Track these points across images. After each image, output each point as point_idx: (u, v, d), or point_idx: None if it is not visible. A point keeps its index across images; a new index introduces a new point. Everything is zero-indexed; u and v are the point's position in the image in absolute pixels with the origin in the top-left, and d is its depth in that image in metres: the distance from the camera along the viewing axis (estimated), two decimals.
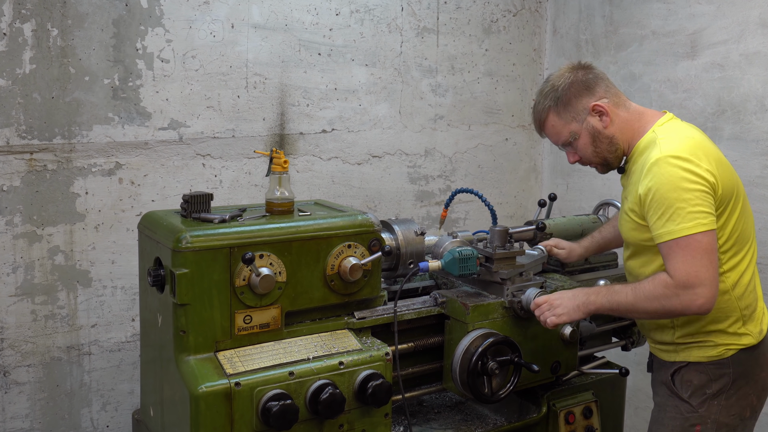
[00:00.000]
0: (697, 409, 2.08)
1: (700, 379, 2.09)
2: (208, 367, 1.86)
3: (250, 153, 3.14)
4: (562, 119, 2.14)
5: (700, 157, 1.97)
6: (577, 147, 2.16)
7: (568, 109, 2.12)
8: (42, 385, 2.81)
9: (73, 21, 2.71)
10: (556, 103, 2.12)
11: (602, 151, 2.14)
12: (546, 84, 2.17)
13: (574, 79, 2.12)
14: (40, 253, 2.75)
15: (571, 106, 2.12)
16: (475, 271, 2.21)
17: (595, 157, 2.16)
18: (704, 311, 1.94)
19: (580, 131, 2.13)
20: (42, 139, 2.71)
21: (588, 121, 2.12)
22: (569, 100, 2.11)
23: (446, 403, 2.52)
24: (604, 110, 2.10)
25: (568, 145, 2.18)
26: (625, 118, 2.13)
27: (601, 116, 2.11)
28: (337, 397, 1.89)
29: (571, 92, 2.11)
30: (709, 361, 2.09)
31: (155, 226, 2.03)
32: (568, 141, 2.16)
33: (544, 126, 2.18)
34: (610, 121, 2.11)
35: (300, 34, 3.20)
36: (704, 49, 3.13)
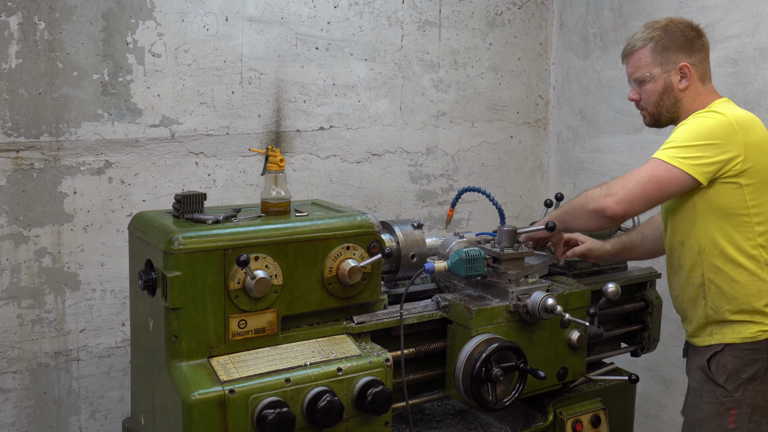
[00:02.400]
0: (732, 393, 2.18)
1: (735, 364, 2.18)
2: (201, 374, 1.86)
3: (244, 151, 3.14)
4: (651, 58, 2.29)
5: (740, 124, 2.12)
6: (645, 89, 2.31)
7: (663, 53, 2.27)
8: (29, 392, 2.81)
9: (60, 14, 2.71)
10: (657, 42, 2.28)
11: (663, 106, 2.31)
12: (658, 22, 2.31)
13: (685, 34, 2.28)
14: (27, 255, 2.76)
15: (666, 52, 2.27)
16: (482, 272, 2.21)
17: (655, 107, 2.32)
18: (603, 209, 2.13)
19: (658, 77, 2.29)
20: (28, 137, 2.72)
21: (670, 74, 2.28)
22: (669, 47, 2.27)
23: (449, 411, 2.52)
24: (689, 74, 2.26)
25: (640, 83, 2.32)
26: (699, 92, 2.29)
27: (682, 78, 2.27)
28: (336, 404, 1.89)
29: (675, 41, 2.27)
30: (744, 342, 2.18)
31: (146, 227, 2.03)
32: (643, 79, 2.31)
33: (632, 54, 2.33)
34: (687, 86, 2.27)
35: (297, 27, 3.21)
36: (717, 43, 3.13)
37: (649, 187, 2.10)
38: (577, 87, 3.84)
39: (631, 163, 3.54)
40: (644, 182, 2.10)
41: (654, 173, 2.10)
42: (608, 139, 3.68)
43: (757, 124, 2.19)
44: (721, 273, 2.19)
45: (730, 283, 2.18)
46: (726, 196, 2.13)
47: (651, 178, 2.10)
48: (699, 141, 2.10)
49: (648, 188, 2.10)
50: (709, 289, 2.21)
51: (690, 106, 2.28)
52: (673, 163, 2.10)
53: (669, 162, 2.10)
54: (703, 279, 2.22)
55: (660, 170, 2.10)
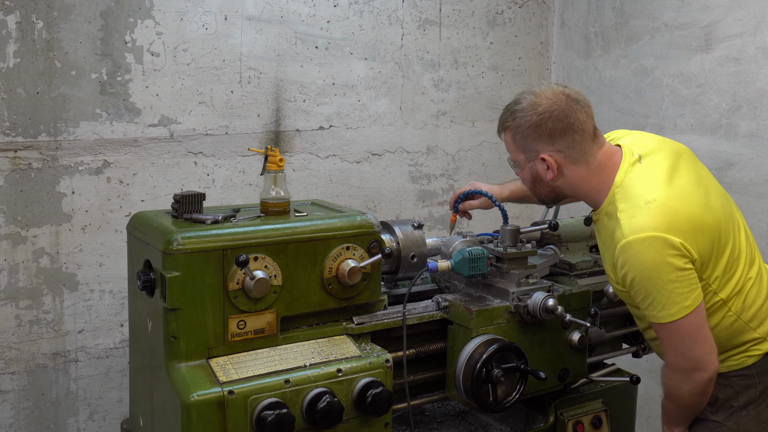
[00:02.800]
0: (725, 422, 2.09)
1: (726, 393, 2.09)
2: (200, 375, 1.86)
3: (244, 151, 3.14)
4: (514, 144, 2.12)
5: (667, 229, 1.91)
6: (519, 173, 2.17)
7: (522, 141, 2.08)
8: (26, 393, 2.81)
9: (59, 13, 2.71)
10: (515, 129, 2.09)
11: (540, 192, 2.16)
12: (523, 99, 2.09)
13: (541, 122, 2.03)
14: (25, 256, 2.76)
15: (525, 140, 2.07)
16: (485, 271, 2.22)
17: (533, 192, 2.18)
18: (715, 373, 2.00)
19: (524, 165, 2.12)
20: (26, 137, 2.72)
21: (535, 163, 2.08)
22: (526, 136, 2.06)
23: (449, 413, 2.52)
24: (551, 166, 2.05)
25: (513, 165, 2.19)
26: (581, 175, 2.07)
27: (548, 168, 2.07)
28: (335, 405, 1.89)
29: (531, 132, 2.05)
30: (731, 371, 2.09)
31: (145, 228, 2.03)
32: (513, 163, 2.17)
33: (500, 134, 2.18)
34: (557, 175, 2.07)
35: (296, 26, 3.21)
36: (719, 42, 3.13)
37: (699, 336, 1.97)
38: (578, 86, 3.84)
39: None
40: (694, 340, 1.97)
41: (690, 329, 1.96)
42: None
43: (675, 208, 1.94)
44: None
45: None
46: None
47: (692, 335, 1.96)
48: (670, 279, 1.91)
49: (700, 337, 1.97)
50: None
51: (577, 190, 2.09)
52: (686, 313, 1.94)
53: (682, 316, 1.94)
54: None
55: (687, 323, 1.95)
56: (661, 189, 1.98)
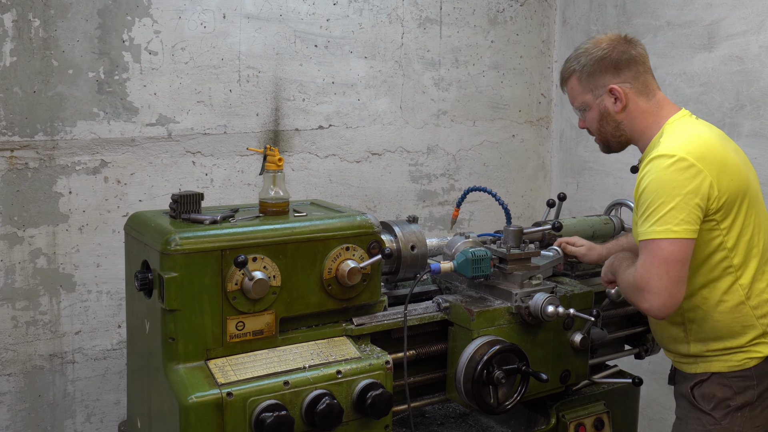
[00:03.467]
0: (720, 421, 2.11)
1: (724, 393, 2.11)
2: (198, 377, 1.86)
3: (242, 150, 3.14)
4: (581, 86, 2.23)
5: (699, 157, 2.00)
6: (586, 117, 2.27)
7: (589, 79, 2.21)
8: (23, 395, 2.81)
9: (56, 11, 2.71)
10: (581, 69, 2.22)
11: (606, 132, 2.24)
12: (583, 45, 2.26)
13: (607, 55, 2.18)
14: (21, 256, 2.76)
15: (593, 78, 2.20)
16: (488, 272, 2.22)
17: (598, 134, 2.27)
18: (653, 316, 2.03)
19: (592, 104, 2.23)
20: (23, 136, 2.72)
21: (603, 98, 2.20)
22: (593, 72, 2.20)
23: (450, 414, 2.52)
24: (620, 96, 2.17)
25: (580, 112, 2.29)
26: (643, 109, 2.19)
27: (616, 100, 2.19)
28: (335, 408, 1.89)
29: (598, 66, 2.19)
30: (731, 371, 2.11)
31: (143, 228, 2.03)
32: (580, 108, 2.27)
33: (565, 84, 2.30)
34: (624, 107, 2.19)
35: (295, 24, 3.21)
36: (722, 40, 3.13)
37: (672, 270, 1.96)
38: None
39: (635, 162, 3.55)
40: (666, 271, 1.96)
41: (665, 256, 1.96)
42: None
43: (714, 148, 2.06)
44: (700, 311, 2.11)
45: (711, 322, 2.11)
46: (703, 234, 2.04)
47: (666, 262, 1.96)
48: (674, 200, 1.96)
49: (672, 273, 1.96)
50: (690, 328, 2.15)
51: (636, 126, 2.19)
52: (671, 236, 1.96)
53: (666, 237, 1.96)
54: (683, 318, 2.15)
55: (667, 249, 1.96)
56: (706, 131, 2.12)
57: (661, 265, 1.96)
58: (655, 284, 1.96)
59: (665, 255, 1.96)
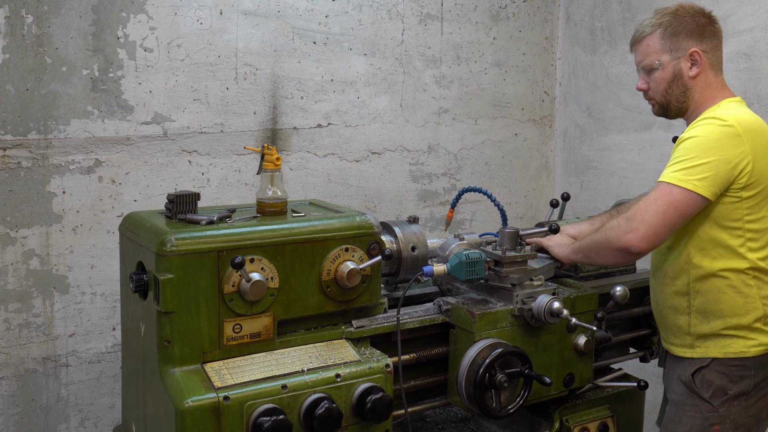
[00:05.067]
0: (717, 408, 2.18)
1: (722, 381, 2.18)
2: (194, 380, 1.86)
3: (240, 149, 3.14)
4: (660, 44, 2.27)
5: (747, 130, 2.09)
6: (654, 77, 2.30)
7: (672, 39, 2.25)
8: (16, 399, 2.82)
9: (49, 7, 2.72)
10: (666, 28, 2.26)
11: (672, 95, 2.29)
12: (666, 9, 2.30)
13: (696, 20, 2.25)
14: (14, 257, 2.76)
15: (676, 38, 2.25)
16: (483, 275, 2.22)
17: (663, 96, 2.30)
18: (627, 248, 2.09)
19: (667, 65, 2.27)
20: (16, 135, 2.72)
21: (680, 61, 2.26)
22: (679, 32, 2.25)
23: (451, 419, 2.52)
24: (700, 61, 2.24)
25: (648, 71, 2.31)
26: (710, 82, 2.27)
27: (693, 65, 2.25)
28: (334, 412, 1.89)
29: (686, 27, 2.25)
30: (729, 358, 2.18)
31: (138, 228, 2.04)
32: (651, 67, 2.29)
33: (640, 41, 2.32)
34: (698, 74, 2.25)
35: (294, 21, 3.21)
36: (729, 37, 3.13)
37: (669, 214, 2.06)
38: (584, 83, 3.84)
39: (640, 162, 3.55)
40: (663, 211, 2.06)
41: (671, 199, 2.06)
42: (616, 136, 3.68)
43: (764, 130, 2.16)
44: (708, 283, 2.17)
45: (716, 294, 2.17)
46: (724, 208, 2.13)
47: (669, 205, 2.06)
48: (707, 158, 2.07)
49: (668, 216, 2.06)
50: (695, 299, 2.20)
51: (700, 96, 2.27)
52: (687, 186, 2.06)
53: (682, 185, 2.06)
54: (688, 288, 2.21)
55: (676, 195, 2.06)
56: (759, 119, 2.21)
57: (664, 205, 2.06)
58: (648, 218, 2.06)
59: (672, 199, 2.06)
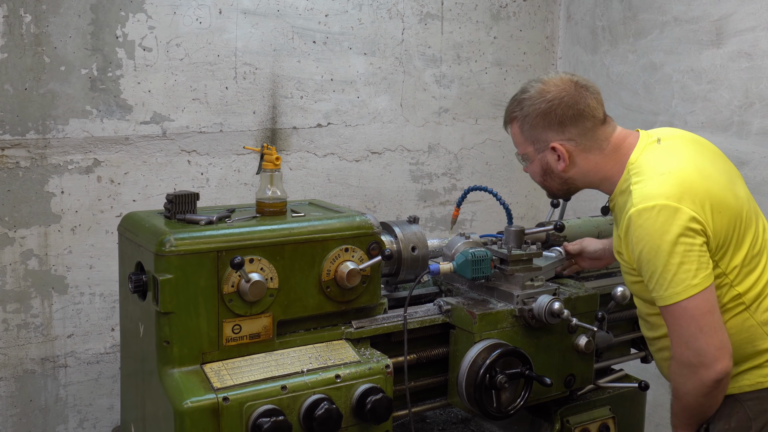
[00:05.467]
0: None
1: (739, 419, 2.03)
2: (193, 381, 1.86)
3: (239, 149, 3.14)
4: (522, 136, 2.13)
5: (680, 198, 1.89)
6: (528, 167, 2.20)
7: (531, 132, 2.10)
8: (14, 399, 2.82)
9: (47, 6, 2.72)
10: (523, 119, 2.10)
11: (551, 185, 2.19)
12: (530, 86, 2.10)
13: (550, 109, 2.05)
14: (12, 258, 2.76)
15: (534, 131, 2.09)
16: (489, 273, 2.22)
17: (543, 186, 2.22)
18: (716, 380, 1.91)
19: (534, 158, 2.14)
20: (14, 134, 2.72)
21: (545, 154, 2.11)
22: (535, 125, 2.08)
23: (451, 420, 2.52)
24: (563, 155, 2.08)
25: (521, 159, 2.21)
26: (594, 162, 2.09)
27: (559, 158, 2.09)
28: (334, 413, 1.90)
29: (540, 120, 2.07)
30: (745, 393, 2.04)
31: (137, 228, 2.04)
32: (522, 157, 2.19)
33: (507, 128, 2.20)
34: (568, 165, 2.10)
35: (293, 20, 3.21)
36: (731, 36, 3.13)
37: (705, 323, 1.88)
38: None
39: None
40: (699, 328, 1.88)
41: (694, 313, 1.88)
42: None
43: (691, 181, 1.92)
44: None
45: None
46: None
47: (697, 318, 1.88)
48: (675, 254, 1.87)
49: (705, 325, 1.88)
50: None
51: (590, 178, 2.10)
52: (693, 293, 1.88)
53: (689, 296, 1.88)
54: None
55: (692, 306, 1.88)
56: (677, 163, 1.97)
57: (693, 325, 1.88)
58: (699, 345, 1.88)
59: (693, 313, 1.88)
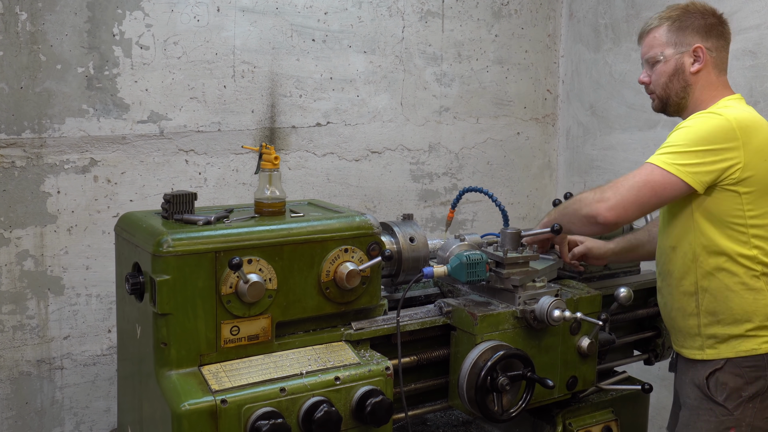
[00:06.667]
0: (732, 411, 2.17)
1: (736, 382, 2.18)
2: (191, 383, 1.86)
3: (237, 148, 3.14)
4: (666, 38, 2.30)
5: (743, 128, 2.10)
6: (656, 69, 2.33)
7: (678, 33, 2.28)
8: (10, 402, 2.82)
9: (43, 4, 2.72)
10: (674, 22, 2.29)
11: (672, 89, 2.31)
12: (678, 4, 2.34)
13: (705, 17, 2.29)
14: (8, 258, 2.76)
15: (682, 33, 2.28)
16: (484, 277, 2.22)
17: (663, 89, 2.33)
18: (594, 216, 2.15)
19: (670, 58, 2.30)
20: (10, 134, 2.72)
21: (683, 55, 2.28)
22: (686, 27, 2.28)
23: (452, 422, 2.52)
24: (702, 58, 2.27)
25: (651, 64, 2.34)
26: (711, 80, 2.29)
27: (695, 60, 2.27)
28: (333, 415, 1.89)
29: (693, 23, 2.28)
30: (742, 357, 2.17)
31: (134, 229, 2.04)
32: (655, 59, 2.32)
33: (647, 33, 2.35)
34: (700, 70, 2.27)
35: (292, 18, 3.21)
36: (735, 34, 3.11)
37: (643, 192, 2.11)
38: (587, 81, 3.84)
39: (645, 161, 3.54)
40: (638, 188, 2.11)
41: (649, 178, 2.11)
42: (620, 135, 3.68)
43: (761, 127, 2.17)
44: (715, 281, 2.18)
45: (725, 292, 2.18)
46: (724, 203, 2.13)
47: (645, 184, 2.11)
48: (697, 146, 2.10)
49: (642, 194, 2.11)
50: (703, 299, 2.21)
51: (700, 94, 2.28)
52: (669, 170, 2.10)
53: (664, 168, 2.10)
54: (696, 287, 2.21)
55: (656, 175, 2.11)
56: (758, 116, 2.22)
57: (641, 182, 2.11)
58: (622, 192, 2.12)
59: (650, 178, 2.10)
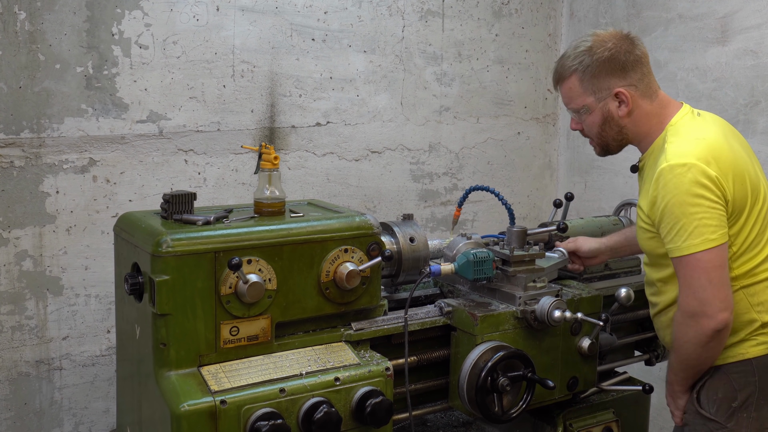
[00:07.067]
0: (725, 424, 2.13)
1: (725, 390, 2.13)
2: (190, 384, 1.86)
3: (237, 148, 3.14)
4: (582, 87, 2.19)
5: (709, 161, 2.02)
6: (584, 120, 2.23)
7: (592, 81, 2.17)
8: (8, 403, 2.82)
9: (42, 3, 2.72)
10: (584, 70, 2.17)
11: (607, 136, 2.23)
12: (583, 42, 2.19)
13: (613, 55, 2.14)
14: (7, 258, 2.76)
15: (597, 80, 2.16)
16: (491, 274, 2.22)
17: (599, 138, 2.25)
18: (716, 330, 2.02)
19: (594, 108, 2.19)
20: (8, 133, 2.72)
21: (607, 102, 2.17)
22: (598, 74, 2.16)
23: (452, 423, 2.52)
24: (627, 99, 2.15)
25: (576, 113, 2.25)
26: (646, 112, 2.19)
27: (620, 104, 2.17)
28: (333, 416, 1.90)
29: (604, 68, 2.15)
30: (730, 363, 2.13)
31: (133, 229, 2.04)
32: (579, 110, 2.23)
33: (561, 84, 2.24)
34: (629, 111, 2.17)
35: (292, 17, 3.21)
36: (736, 33, 3.14)
37: (714, 277, 2.00)
38: None
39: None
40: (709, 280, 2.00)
41: (705, 266, 2.00)
42: None
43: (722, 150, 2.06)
44: None
45: None
46: None
47: (706, 272, 2.00)
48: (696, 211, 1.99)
49: (715, 279, 2.00)
50: None
51: (638, 129, 2.19)
52: (706, 247, 1.99)
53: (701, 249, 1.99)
54: None
55: (704, 261, 2.00)
56: (712, 133, 2.10)
57: (704, 277, 2.00)
58: (705, 296, 2.00)
59: (703, 265, 2.00)
